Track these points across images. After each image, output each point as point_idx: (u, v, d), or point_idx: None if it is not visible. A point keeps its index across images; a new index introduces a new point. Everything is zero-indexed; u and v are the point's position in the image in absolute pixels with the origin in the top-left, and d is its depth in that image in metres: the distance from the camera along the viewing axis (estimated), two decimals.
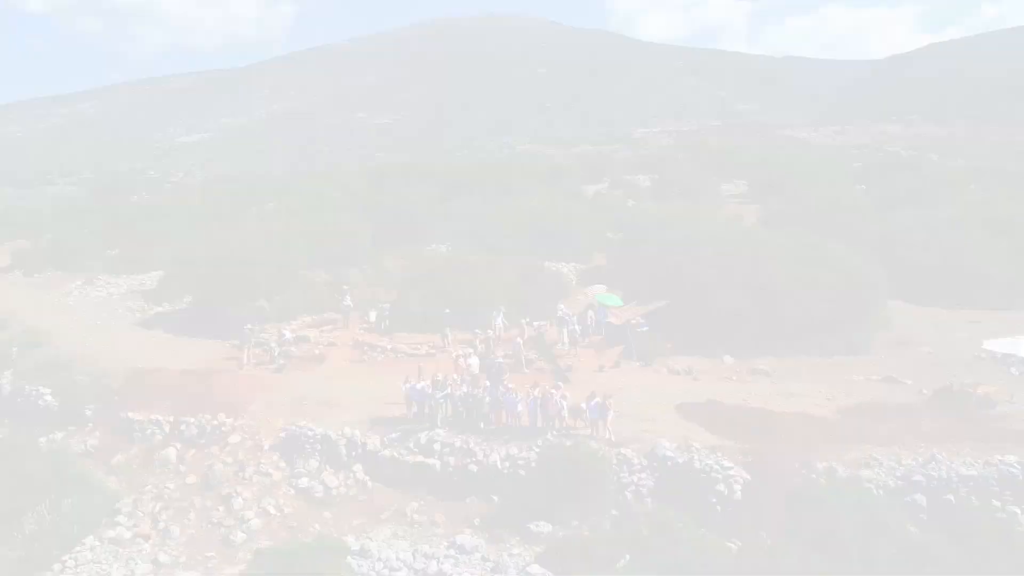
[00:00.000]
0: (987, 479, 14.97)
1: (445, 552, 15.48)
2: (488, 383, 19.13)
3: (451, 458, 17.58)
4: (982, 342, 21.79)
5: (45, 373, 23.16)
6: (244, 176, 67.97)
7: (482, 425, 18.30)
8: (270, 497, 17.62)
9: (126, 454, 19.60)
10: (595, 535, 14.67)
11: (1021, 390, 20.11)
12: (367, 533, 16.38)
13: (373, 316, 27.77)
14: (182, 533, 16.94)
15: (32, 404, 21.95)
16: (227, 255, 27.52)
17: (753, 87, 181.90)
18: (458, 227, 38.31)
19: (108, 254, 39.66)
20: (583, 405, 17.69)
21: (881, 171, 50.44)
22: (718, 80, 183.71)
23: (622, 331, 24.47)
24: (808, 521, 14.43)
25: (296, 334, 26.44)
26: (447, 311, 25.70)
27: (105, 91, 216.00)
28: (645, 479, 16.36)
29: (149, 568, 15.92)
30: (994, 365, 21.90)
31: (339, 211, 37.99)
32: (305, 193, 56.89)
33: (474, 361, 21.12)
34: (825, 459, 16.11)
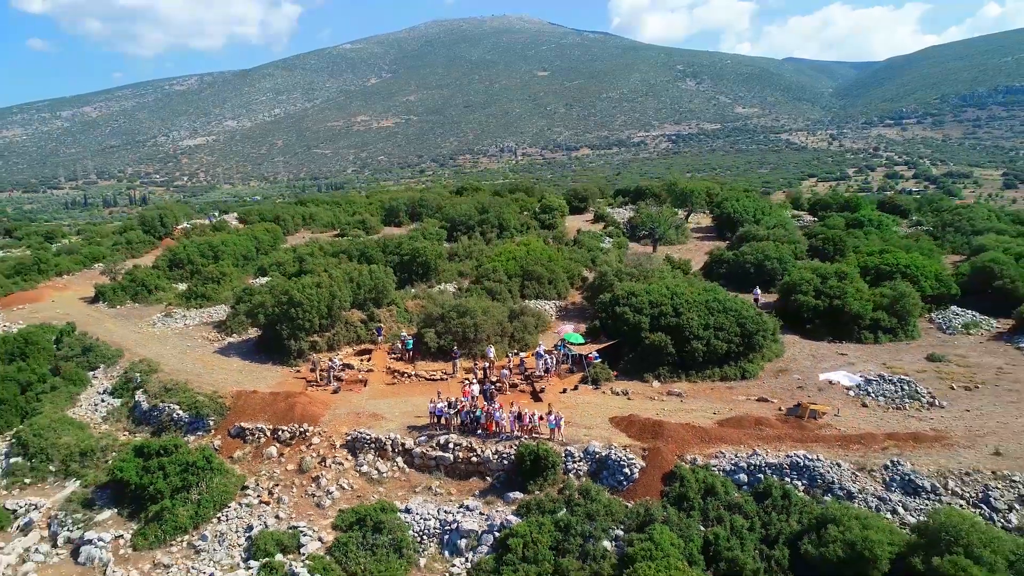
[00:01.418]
0: (783, 465, 26.09)
1: (457, 510, 26.61)
2: (484, 403, 30.37)
3: (460, 453, 28.69)
4: (821, 372, 32.80)
5: (171, 393, 34.42)
6: (269, 205, 78.97)
7: (479, 431, 29.44)
8: (344, 478, 28.82)
9: (243, 451, 30.90)
10: (547, 498, 25.81)
11: (846, 407, 31.15)
12: (408, 500, 27.57)
13: (399, 347, 39.00)
14: (289, 500, 28.16)
15: (168, 416, 33.22)
16: (287, 299, 38.54)
17: (753, 89, 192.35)
18: (461, 267, 49.40)
19: (177, 289, 50.97)
20: (545, 416, 28.77)
21: (824, 207, 61.48)
22: (718, 83, 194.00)
23: (581, 362, 35.61)
24: (674, 490, 25.55)
25: (343, 362, 37.69)
26: (454, 346, 36.99)
27: (108, 93, 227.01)
28: (582, 466, 27.49)
29: (273, 521, 27.13)
30: (840, 389, 32.93)
31: (367, 252, 49.14)
32: (326, 223, 68.21)
33: (475, 387, 32.22)
34: (692, 453, 27.27)
